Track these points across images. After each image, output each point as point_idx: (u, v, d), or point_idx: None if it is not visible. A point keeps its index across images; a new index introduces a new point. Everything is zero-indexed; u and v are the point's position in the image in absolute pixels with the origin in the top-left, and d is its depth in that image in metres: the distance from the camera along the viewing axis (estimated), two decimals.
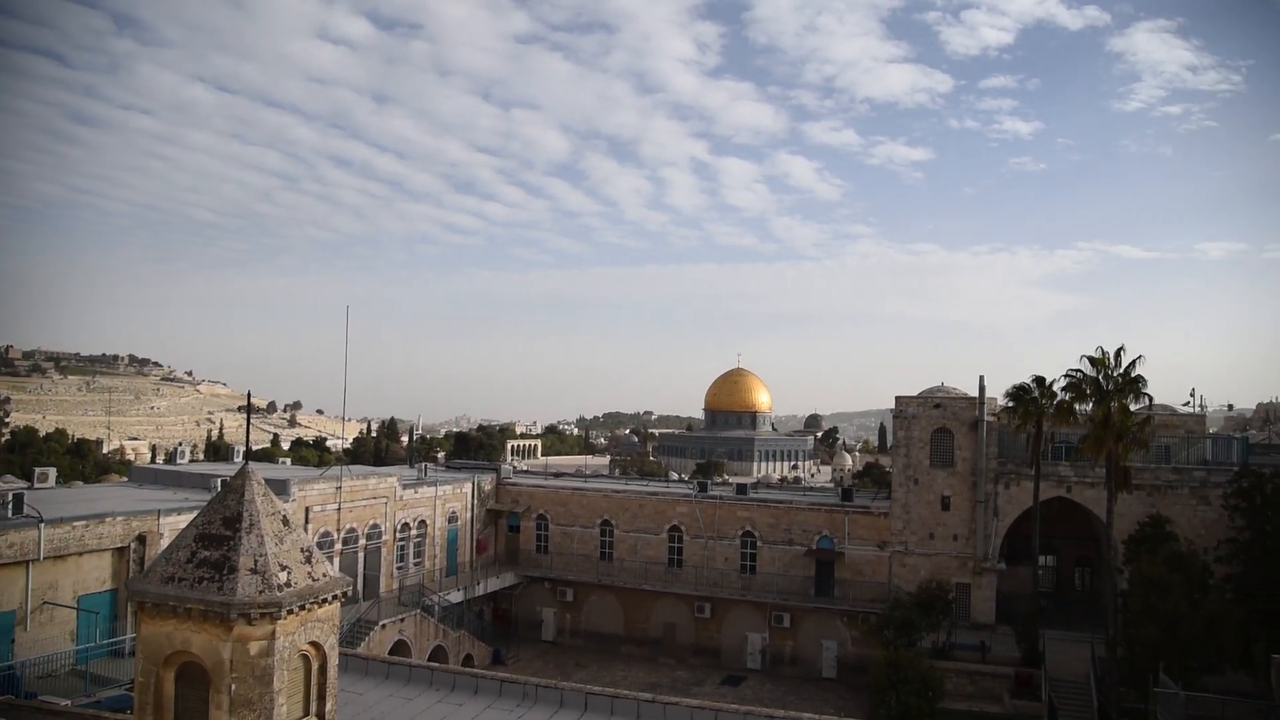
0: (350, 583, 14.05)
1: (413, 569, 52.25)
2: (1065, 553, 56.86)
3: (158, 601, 12.19)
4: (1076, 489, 48.45)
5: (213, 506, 13.07)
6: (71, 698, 26.89)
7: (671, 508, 57.25)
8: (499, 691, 24.39)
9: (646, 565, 56.69)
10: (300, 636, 12.61)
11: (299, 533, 13.63)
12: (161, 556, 12.94)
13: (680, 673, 52.10)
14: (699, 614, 54.40)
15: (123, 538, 34.63)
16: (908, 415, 52.02)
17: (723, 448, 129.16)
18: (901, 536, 51.29)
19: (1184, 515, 45.52)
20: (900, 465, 52.18)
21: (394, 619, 44.68)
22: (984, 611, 49.32)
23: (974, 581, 49.67)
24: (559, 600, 58.10)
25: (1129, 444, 38.75)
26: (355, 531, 47.40)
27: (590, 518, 59.14)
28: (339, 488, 46.03)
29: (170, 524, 35.89)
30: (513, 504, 61.08)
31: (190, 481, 45.43)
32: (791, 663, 52.44)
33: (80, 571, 33.43)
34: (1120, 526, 42.39)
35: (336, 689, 13.69)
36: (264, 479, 13.83)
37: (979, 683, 42.03)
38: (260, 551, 12.39)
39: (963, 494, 50.38)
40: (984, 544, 49.35)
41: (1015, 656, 43.08)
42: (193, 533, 12.84)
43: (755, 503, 55.67)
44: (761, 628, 53.18)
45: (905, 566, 50.90)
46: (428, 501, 53.77)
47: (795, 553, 53.69)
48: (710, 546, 55.74)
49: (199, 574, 12.21)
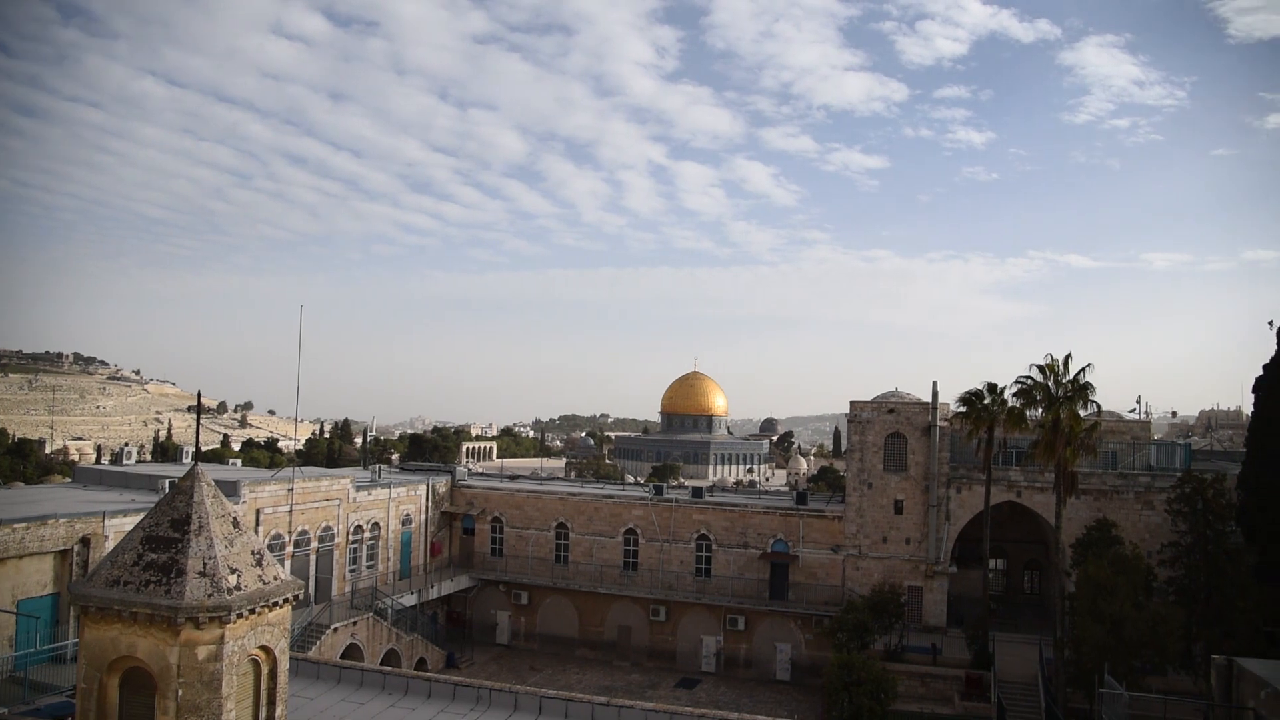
0: (302, 586, 13.84)
1: (366, 572, 51.64)
2: (1015, 556, 57.90)
3: (102, 605, 11.90)
4: (1026, 493, 49.33)
5: (160, 508, 12.81)
6: (9, 705, 26.16)
7: (627, 511, 57.26)
8: (452, 695, 24.20)
9: (602, 568, 56.62)
10: (250, 641, 12.40)
11: (249, 535, 13.39)
12: (106, 559, 12.63)
13: (635, 676, 52.09)
14: (654, 617, 54.45)
15: (65, 540, 33.75)
16: (862, 420, 52.58)
17: (679, 451, 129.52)
18: (855, 540, 51.81)
19: (1129, 519, 46.60)
20: (854, 469, 52.71)
21: (346, 622, 44.09)
22: (935, 614, 49.99)
23: (926, 584, 50.33)
24: (514, 603, 57.79)
25: (1078, 449, 39.53)
26: (307, 534, 46.73)
27: (546, 520, 58.92)
28: (291, 489, 45.33)
29: (116, 526, 35.08)
30: (468, 506, 60.64)
31: (137, 483, 44.48)
32: (746, 665, 52.69)
33: (20, 575, 32.51)
34: (1068, 530, 43.27)
35: (287, 694, 13.47)
36: (214, 480, 13.59)
37: (930, 684, 42.59)
38: (209, 554, 12.16)
39: (915, 498, 51.03)
40: (936, 547, 50.03)
41: (965, 658, 43.72)
42: (139, 535, 12.56)
43: (711, 506, 55.88)
44: (716, 631, 53.38)
45: (859, 570, 51.41)
46: (381, 504, 53.19)
47: (750, 556, 53.98)
48: (666, 550, 55.83)
49: (146, 577, 11.95)
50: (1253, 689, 21.71)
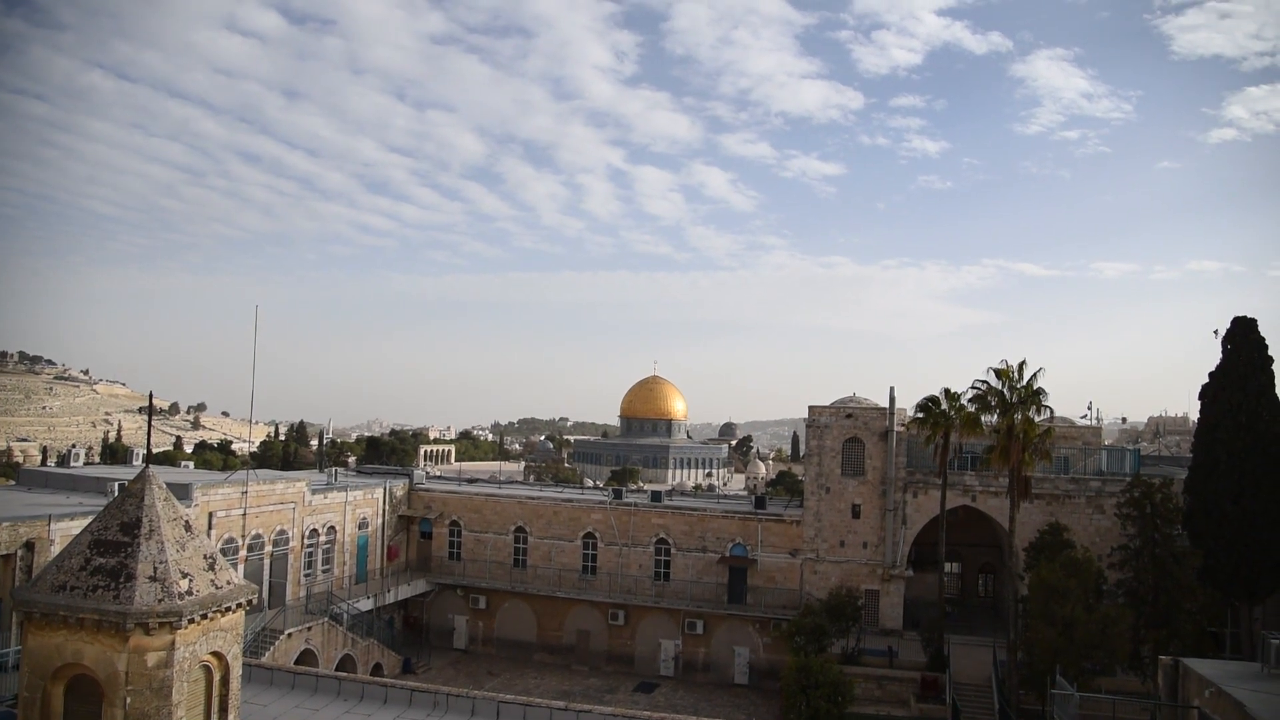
0: (255, 591, 13.60)
1: (321, 576, 50.94)
2: (970, 560, 58.72)
3: (47, 611, 11.60)
4: (981, 498, 50.03)
5: (109, 511, 12.52)
6: None
7: (586, 515, 57.12)
8: (409, 701, 23.94)
9: (560, 572, 56.42)
10: (202, 646, 12.16)
11: (202, 539, 13.14)
12: (52, 564, 12.31)
13: (593, 680, 51.95)
14: (613, 621, 54.36)
15: (8, 544, 32.88)
16: (820, 425, 52.99)
17: (638, 455, 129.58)
18: (813, 544, 52.16)
19: (1080, 523, 47.47)
20: (812, 474, 53.09)
21: (300, 627, 43.45)
22: (892, 617, 50.48)
23: (883, 588, 50.81)
24: (471, 608, 57.36)
25: (1032, 455, 40.17)
26: (261, 538, 46.00)
27: (504, 524, 58.59)
28: (245, 492, 44.60)
29: (62, 530, 34.26)
30: (425, 510, 60.10)
31: (85, 485, 43.53)
32: (704, 669, 52.80)
33: None
34: (1021, 534, 43.97)
35: (240, 700, 13.23)
36: (165, 483, 13.31)
37: (886, 687, 43.00)
38: (160, 558, 11.91)
39: (873, 502, 51.52)
40: (893, 551, 50.54)
41: (921, 661, 44.20)
42: (87, 539, 12.27)
43: (670, 510, 55.95)
44: (675, 635, 53.43)
45: (816, 574, 51.77)
46: (338, 507, 52.53)
47: (709, 560, 54.11)
48: (625, 554, 55.78)
49: (94, 582, 11.67)
50: (1197, 688, 22.19)
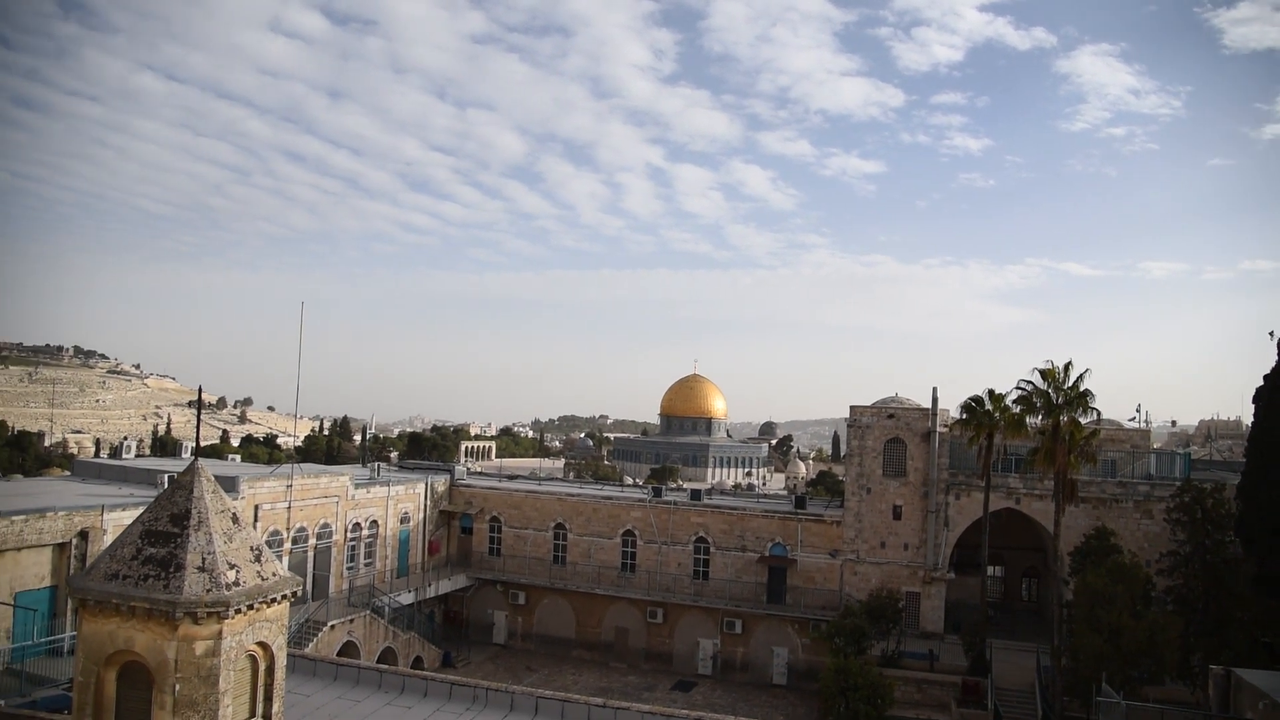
0: (300, 582, 13.82)
1: (363, 569, 51.62)
2: (1013, 563, 57.88)
3: (100, 599, 11.88)
4: (1025, 500, 49.29)
5: (160, 503, 12.78)
6: (6, 698, 26.11)
7: (625, 512, 57.22)
8: (448, 694, 24.18)
9: (599, 569, 56.58)
10: (248, 636, 12.38)
11: (248, 531, 13.38)
12: (105, 553, 12.61)
13: (631, 678, 52.04)
14: (651, 619, 54.42)
15: (64, 533, 33.75)
16: (861, 425, 52.56)
17: (678, 453, 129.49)
18: (853, 545, 51.77)
19: (1128, 528, 46.56)
20: (853, 474, 52.68)
21: (343, 620, 44.06)
22: (933, 620, 49.94)
23: (924, 590, 50.28)
24: (511, 603, 57.75)
25: (1078, 457, 39.49)
26: (305, 530, 46.72)
27: (544, 521, 58.89)
28: (290, 486, 45.32)
29: (114, 520, 35.06)
30: (466, 505, 60.61)
31: (136, 477, 44.48)
32: (742, 669, 52.64)
33: (18, 567, 32.51)
34: (1066, 538, 43.21)
35: (284, 690, 13.45)
36: (213, 476, 13.57)
37: (927, 691, 42.54)
38: (208, 549, 12.14)
39: (914, 504, 50.99)
40: (934, 553, 49.98)
41: (963, 665, 43.66)
42: (139, 529, 12.54)
43: (709, 509, 55.84)
44: (713, 634, 53.33)
45: (856, 575, 51.37)
46: (380, 501, 53.16)
47: (748, 559, 53.94)
48: (663, 552, 55.80)
49: (144, 571, 11.93)
50: (1251, 700, 21.68)
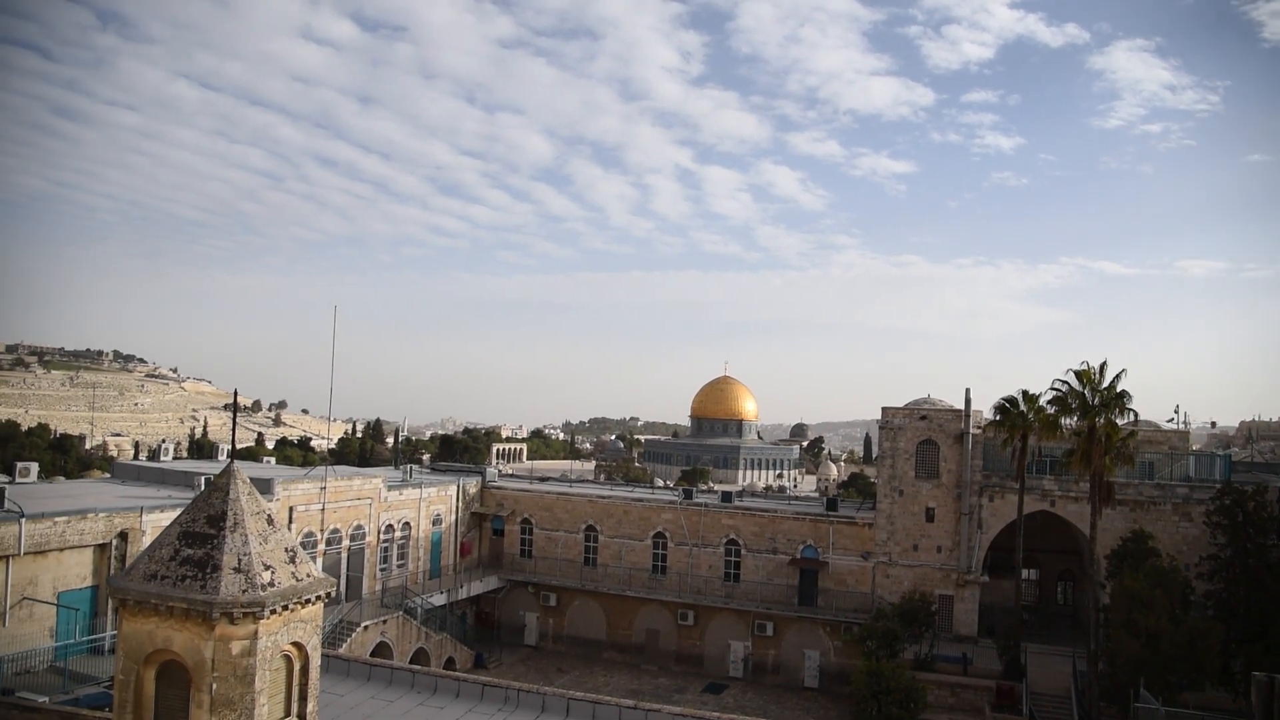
0: (334, 583, 13.97)
1: (396, 571, 52.06)
2: (1048, 566, 57.17)
3: (140, 599, 12.09)
4: (1060, 503, 48.68)
5: (197, 504, 12.98)
6: (50, 695, 26.64)
7: (656, 514, 57.23)
8: (480, 695, 24.33)
9: (630, 571, 56.63)
10: (283, 636, 12.54)
11: (283, 532, 13.55)
12: (144, 554, 12.83)
13: (662, 680, 52.02)
14: (682, 621, 54.37)
15: (104, 534, 34.38)
16: (893, 427, 52.19)
17: (708, 455, 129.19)
18: (885, 547, 51.40)
19: (1166, 531, 45.80)
20: (885, 476, 52.33)
21: (376, 621, 44.46)
22: (966, 624, 49.45)
23: (957, 593, 49.81)
24: (542, 605, 57.96)
25: (1114, 459, 38.95)
26: (339, 532, 47.20)
27: (575, 523, 59.05)
28: (323, 488, 45.82)
29: (153, 521, 35.66)
30: (497, 507, 60.93)
31: (174, 479, 45.16)
32: (774, 671, 52.44)
33: (60, 567, 33.16)
34: (1103, 541, 42.62)
35: (318, 690, 13.61)
36: (248, 478, 13.76)
37: (960, 695, 42.14)
38: (244, 550, 12.32)
39: (947, 506, 50.54)
40: (967, 556, 49.50)
41: (997, 669, 43.21)
42: (176, 530, 12.75)
43: (740, 511, 55.69)
44: (744, 636, 53.18)
45: (889, 577, 51.00)
46: (412, 503, 53.59)
47: (779, 561, 53.74)
48: (694, 554, 55.73)
49: (182, 572, 12.13)
50: None
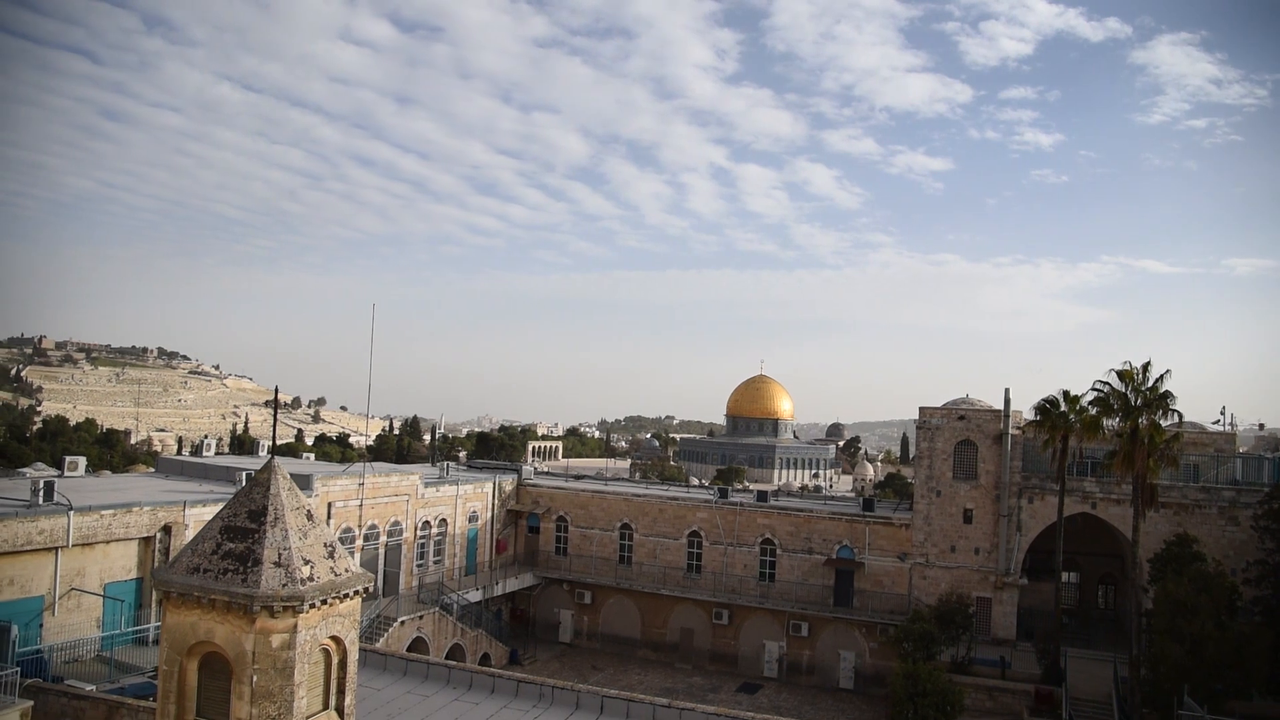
0: (371, 579, 14.12)
1: (432, 567, 52.50)
2: (1089, 569, 56.25)
3: (183, 592, 12.30)
4: (1102, 505, 47.90)
5: (238, 499, 13.18)
6: (96, 684, 27.25)
7: (691, 513, 57.17)
8: (515, 691, 24.46)
9: (665, 570, 56.63)
10: (321, 630, 12.69)
11: (322, 527, 13.72)
12: (187, 547, 13.06)
13: (697, 679, 51.97)
14: (717, 620, 54.27)
15: (149, 527, 35.08)
16: (931, 427, 51.68)
17: (744, 454, 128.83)
18: (923, 548, 50.92)
19: (1212, 535, 44.89)
20: (923, 477, 51.82)
21: (413, 616, 44.90)
22: (1005, 627, 48.84)
23: (995, 596, 49.22)
24: (577, 602, 58.16)
25: (1158, 461, 38.26)
26: (377, 528, 47.70)
27: (610, 521, 59.17)
28: (361, 484, 46.34)
29: (195, 515, 36.31)
30: (533, 505, 61.22)
31: (216, 474, 45.93)
32: (809, 672, 52.17)
33: (107, 559, 33.89)
34: (1146, 545, 41.85)
35: (356, 684, 13.77)
36: (288, 474, 13.94)
37: (998, 698, 41.64)
38: (284, 545, 12.48)
39: (985, 507, 49.95)
40: (1006, 558, 48.88)
41: (1036, 673, 42.63)
42: (218, 524, 12.95)
43: (776, 510, 55.46)
44: (779, 636, 52.97)
45: (926, 579, 50.52)
46: (449, 500, 54.01)
47: (815, 562, 53.45)
48: (729, 553, 55.60)
49: (224, 565, 12.32)
50: None
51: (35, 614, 31.01)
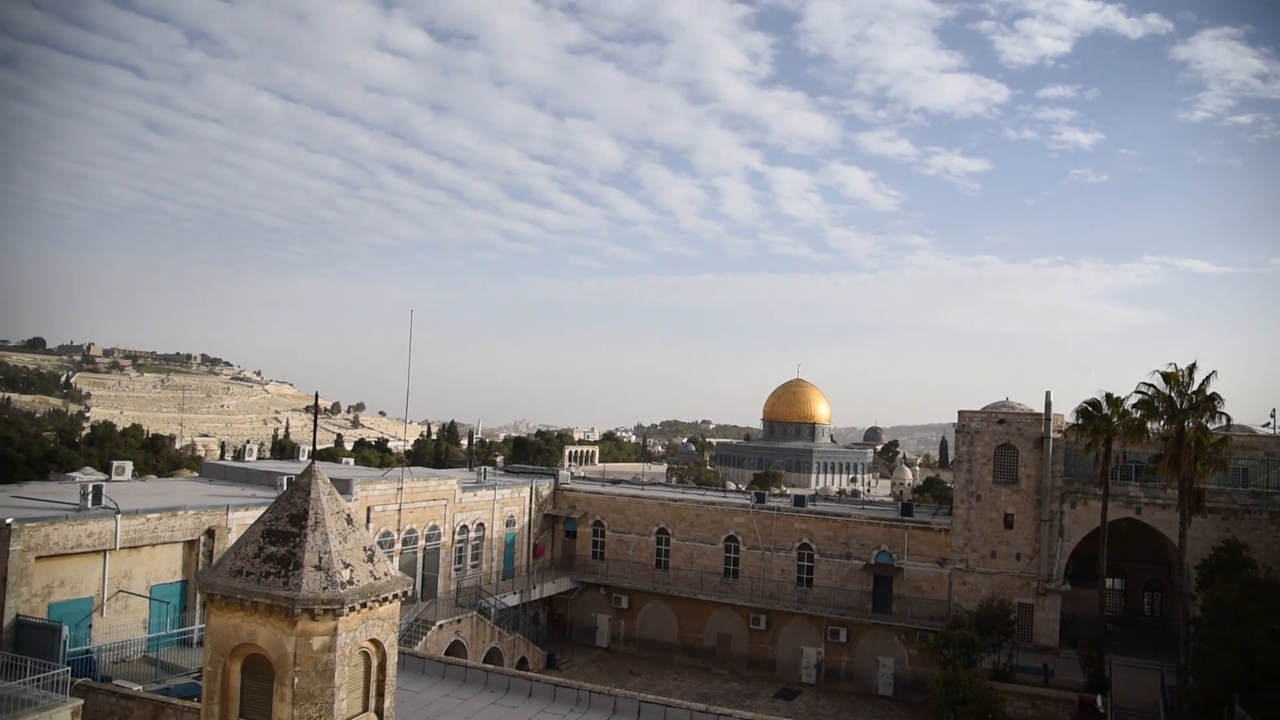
0: (410, 582, 14.24)
1: (470, 571, 52.84)
2: (1133, 576, 55.22)
3: (226, 594, 12.49)
4: (1147, 510, 47.03)
5: (280, 503, 13.35)
6: (143, 684, 27.77)
7: (728, 518, 56.99)
8: (552, 696, 24.55)
9: (702, 575, 56.49)
10: (361, 633, 12.83)
11: (362, 532, 13.87)
12: (230, 550, 13.26)
13: (734, 684, 51.76)
14: (754, 625, 54.03)
15: (193, 531, 35.69)
16: (970, 430, 51.07)
17: (781, 459, 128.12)
18: (962, 554, 50.31)
19: (1262, 541, 43.88)
20: (962, 481, 51.23)
21: (451, 620, 45.21)
22: (1047, 634, 48.10)
23: (1037, 602, 48.47)
24: (614, 607, 58.20)
25: (1205, 465, 37.47)
26: (415, 532, 48.11)
27: (647, 525, 59.15)
28: (400, 489, 46.77)
29: (238, 519, 36.88)
30: (570, 509, 61.38)
31: (258, 479, 46.59)
32: (847, 678, 51.75)
33: (153, 562, 34.54)
34: (1193, 551, 41.00)
35: (395, 686, 13.89)
36: (328, 478, 14.12)
37: (1041, 707, 40.97)
38: (325, 549, 12.63)
39: (1027, 512, 49.24)
40: (1048, 564, 48.15)
41: (1079, 681, 41.91)
42: (260, 528, 13.13)
43: (813, 515, 55.12)
44: (817, 642, 52.60)
45: (966, 584, 49.90)
46: (486, 505, 54.34)
47: (853, 567, 53.02)
48: (767, 558, 55.34)
49: (266, 569, 12.49)
50: None
51: (85, 615, 31.70)
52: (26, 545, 29.77)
